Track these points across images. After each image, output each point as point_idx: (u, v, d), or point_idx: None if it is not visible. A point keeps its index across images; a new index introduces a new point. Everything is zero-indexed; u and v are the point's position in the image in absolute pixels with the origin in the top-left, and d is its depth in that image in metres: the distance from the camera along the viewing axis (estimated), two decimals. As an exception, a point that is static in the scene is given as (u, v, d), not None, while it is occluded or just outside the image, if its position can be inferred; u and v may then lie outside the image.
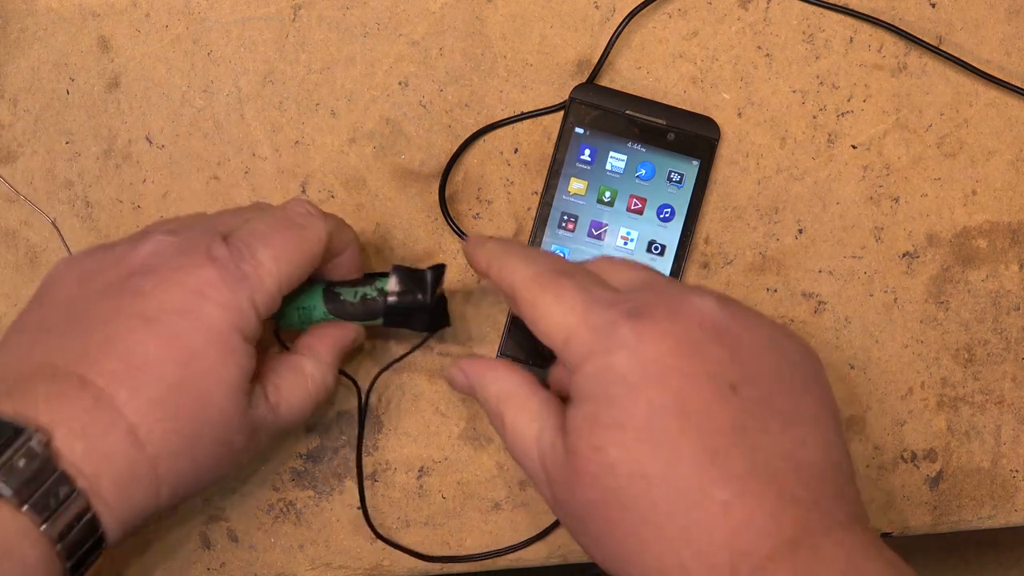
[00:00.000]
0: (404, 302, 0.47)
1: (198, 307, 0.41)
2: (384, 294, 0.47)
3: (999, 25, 0.55)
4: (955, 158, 0.55)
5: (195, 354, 0.40)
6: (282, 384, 0.45)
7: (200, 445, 0.41)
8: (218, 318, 0.41)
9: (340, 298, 0.47)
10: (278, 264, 0.43)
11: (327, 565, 0.53)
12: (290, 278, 0.43)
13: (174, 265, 0.41)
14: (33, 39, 0.54)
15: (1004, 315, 0.55)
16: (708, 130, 0.54)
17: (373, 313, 0.47)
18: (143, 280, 0.41)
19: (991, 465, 0.55)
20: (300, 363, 0.46)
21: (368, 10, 0.54)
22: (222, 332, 0.41)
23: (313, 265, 0.45)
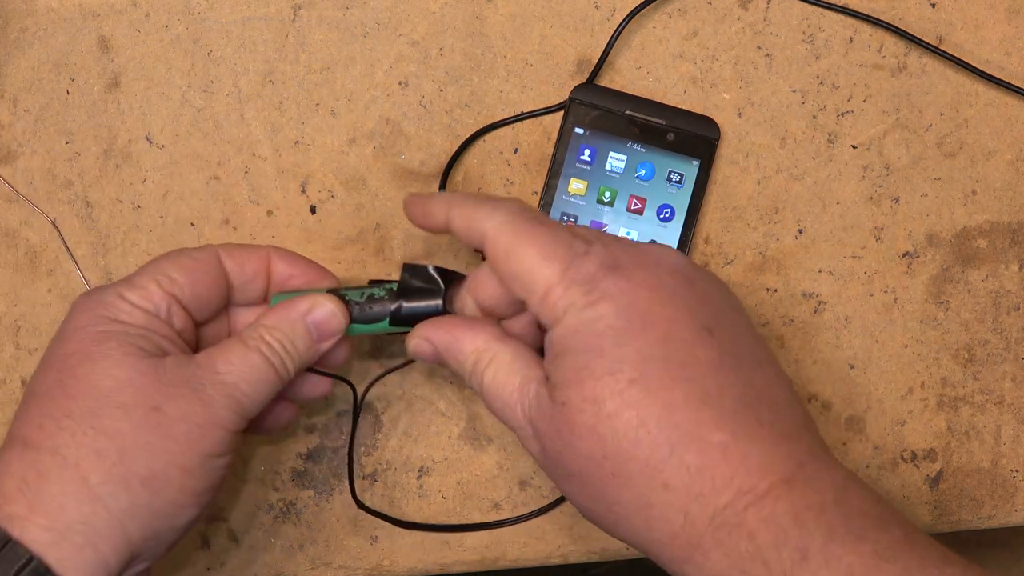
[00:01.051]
0: (413, 306, 0.45)
1: (64, 324, 0.43)
2: (392, 295, 0.45)
3: (999, 25, 0.55)
4: (955, 158, 0.55)
5: (68, 354, 0.41)
6: (217, 351, 0.43)
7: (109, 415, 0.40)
8: (80, 319, 0.42)
9: (345, 299, 0.45)
10: (150, 265, 0.44)
11: (327, 565, 0.53)
12: (166, 274, 0.44)
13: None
14: (33, 39, 0.54)
15: (1004, 315, 0.55)
16: (708, 130, 0.54)
17: (379, 316, 0.45)
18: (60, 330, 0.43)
19: (991, 465, 0.55)
20: (243, 331, 0.44)
21: (368, 10, 0.54)
22: (87, 325, 0.42)
23: (204, 271, 0.44)
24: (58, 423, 0.40)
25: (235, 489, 0.53)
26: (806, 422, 0.40)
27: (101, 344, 0.41)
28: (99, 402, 0.40)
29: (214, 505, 0.53)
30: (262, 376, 0.43)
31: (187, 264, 0.44)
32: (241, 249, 0.46)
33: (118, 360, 0.41)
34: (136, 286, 0.43)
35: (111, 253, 0.54)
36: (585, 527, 0.53)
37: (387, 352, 0.53)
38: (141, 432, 0.40)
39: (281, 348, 0.43)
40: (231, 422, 0.42)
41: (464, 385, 0.54)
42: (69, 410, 0.40)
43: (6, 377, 0.53)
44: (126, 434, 0.40)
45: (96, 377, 0.40)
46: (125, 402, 0.40)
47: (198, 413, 0.41)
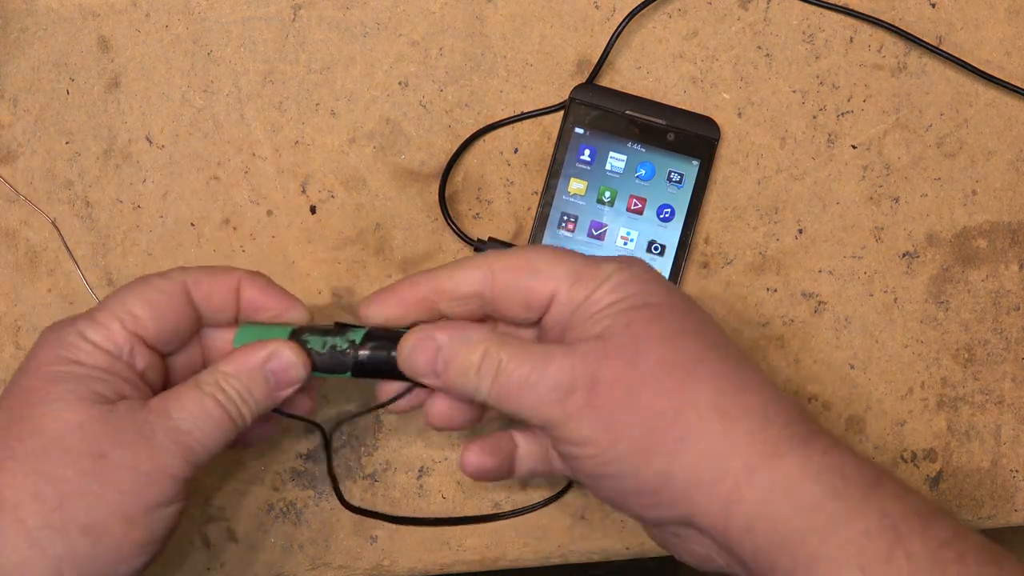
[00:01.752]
0: (377, 358, 0.43)
1: (28, 361, 0.42)
2: (355, 346, 0.43)
3: (999, 25, 0.55)
4: (955, 158, 0.55)
5: (22, 391, 0.41)
6: (172, 395, 0.42)
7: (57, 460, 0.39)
8: (41, 357, 0.41)
9: (306, 346, 0.43)
10: (113, 299, 0.43)
11: (327, 565, 0.53)
12: (129, 311, 0.42)
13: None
14: (33, 39, 0.54)
15: (1004, 315, 0.55)
16: (708, 130, 0.54)
17: (341, 366, 0.43)
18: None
19: (991, 465, 0.55)
20: (196, 376, 0.43)
21: (368, 10, 0.54)
22: (43, 364, 0.41)
23: (169, 304, 0.43)
24: (1, 463, 0.39)
25: (235, 489, 0.53)
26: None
27: (55, 385, 0.40)
28: (45, 445, 0.39)
29: (214, 505, 0.53)
30: (216, 424, 0.42)
31: (152, 298, 0.43)
32: (210, 277, 0.44)
33: (69, 404, 0.40)
34: (99, 324, 0.42)
35: (111, 253, 0.54)
36: (585, 527, 0.53)
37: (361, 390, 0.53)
38: (84, 479, 0.39)
39: (238, 396, 0.42)
40: (180, 470, 0.41)
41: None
42: (14, 451, 0.39)
43: (6, 377, 0.53)
44: (68, 480, 0.39)
45: (45, 420, 0.40)
46: (71, 447, 0.39)
47: (145, 461, 0.40)
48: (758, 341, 0.54)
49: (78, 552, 0.39)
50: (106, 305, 0.43)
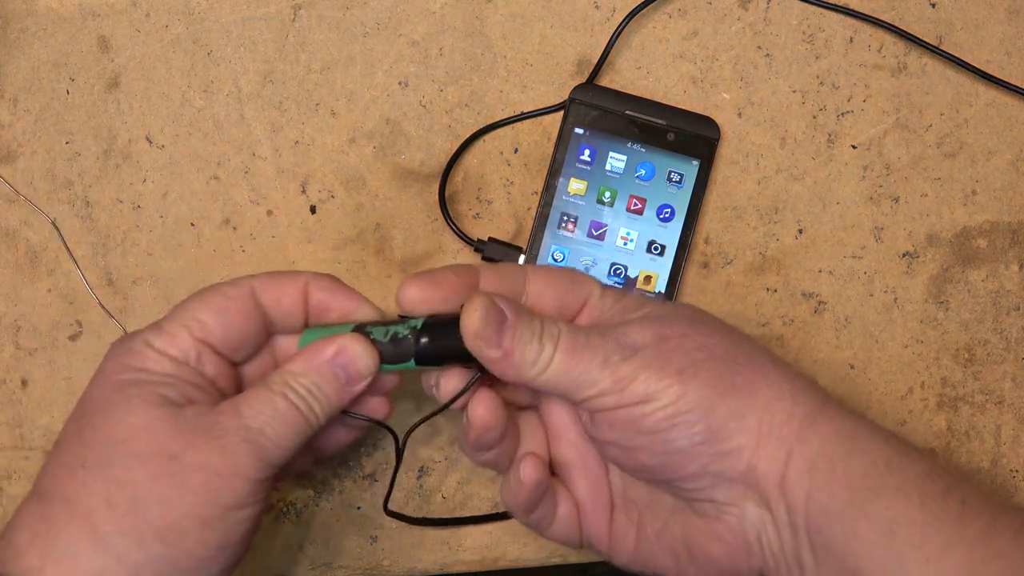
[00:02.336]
0: (438, 341, 0.42)
1: (97, 373, 0.42)
2: (416, 332, 0.42)
3: (999, 25, 0.55)
4: (955, 158, 0.55)
5: (90, 400, 0.41)
6: (242, 398, 0.41)
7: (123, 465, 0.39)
8: (108, 366, 0.41)
9: (370, 337, 0.42)
10: (180, 308, 0.42)
11: (327, 565, 0.53)
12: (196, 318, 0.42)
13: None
14: (33, 39, 0.54)
15: (1004, 315, 0.55)
16: (708, 130, 0.54)
17: (404, 354, 0.42)
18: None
19: (991, 465, 0.55)
20: (265, 379, 0.42)
21: (368, 10, 0.54)
22: (112, 373, 0.41)
23: (237, 311, 0.43)
24: (71, 472, 0.39)
25: (235, 489, 0.53)
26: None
27: (121, 391, 0.40)
28: (114, 450, 0.39)
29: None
30: (288, 421, 0.41)
31: (220, 305, 0.42)
32: (277, 281, 0.44)
33: (135, 408, 0.39)
34: (165, 332, 0.41)
35: (111, 253, 0.54)
36: (585, 527, 0.53)
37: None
38: (156, 482, 0.38)
39: (308, 393, 0.41)
40: (253, 470, 0.39)
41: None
42: (84, 459, 0.39)
43: (6, 377, 0.53)
44: (139, 484, 0.38)
45: (112, 425, 0.39)
46: (140, 451, 0.39)
47: (217, 461, 0.39)
48: (758, 341, 0.54)
49: (153, 557, 0.38)
50: (173, 314, 0.42)
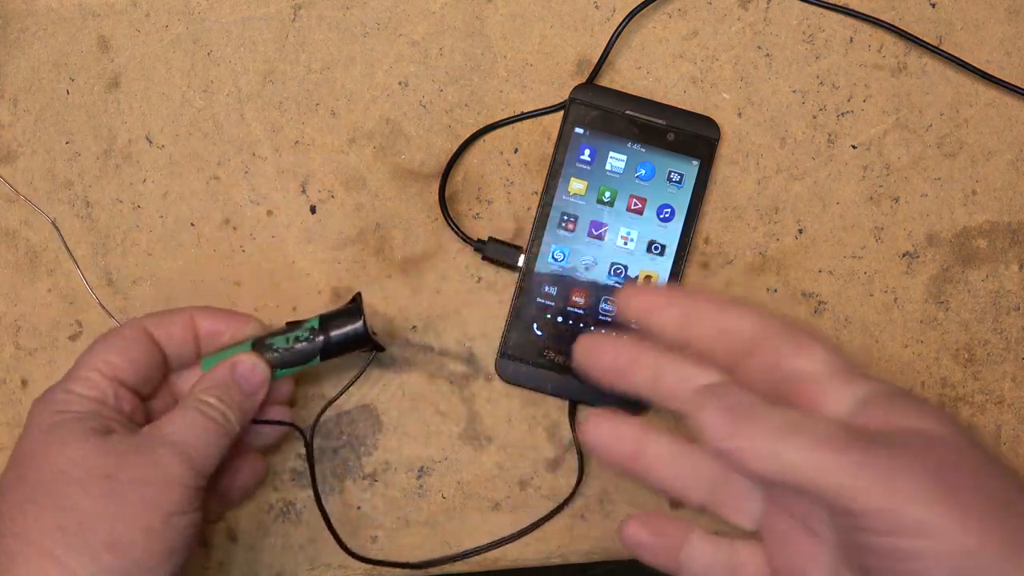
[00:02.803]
0: (339, 334, 0.48)
1: (24, 429, 0.45)
2: (315, 332, 0.48)
3: (999, 25, 0.55)
4: (955, 158, 0.55)
5: (24, 449, 0.44)
6: (164, 418, 0.45)
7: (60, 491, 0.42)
8: (37, 417, 0.44)
9: (273, 348, 0.48)
10: (87, 355, 0.46)
11: (327, 565, 0.53)
12: (105, 360, 0.46)
13: None
14: (33, 39, 0.54)
15: (1004, 315, 0.55)
16: (708, 130, 0.53)
17: (308, 354, 0.48)
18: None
19: (991, 465, 0.55)
20: (181, 401, 0.47)
21: (368, 10, 0.54)
22: (42, 419, 0.44)
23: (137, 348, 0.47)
24: (22, 510, 0.42)
25: (235, 489, 0.53)
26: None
27: (52, 433, 0.43)
28: (55, 481, 0.42)
29: (214, 505, 0.53)
30: (207, 429, 0.45)
31: (122, 346, 0.46)
32: (165, 318, 0.48)
33: (68, 442, 0.43)
34: (79, 378, 0.45)
35: (111, 253, 0.54)
36: (585, 527, 0.53)
37: (328, 381, 0.54)
38: (98, 502, 0.42)
39: (218, 402, 0.46)
40: (186, 477, 0.43)
41: (464, 386, 0.54)
42: (30, 496, 0.42)
43: (6, 377, 0.53)
44: (83, 506, 0.42)
45: (50, 461, 0.43)
46: (80, 478, 0.42)
47: (150, 474, 0.43)
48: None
49: (106, 568, 0.41)
50: (81, 362, 0.46)
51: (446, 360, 0.54)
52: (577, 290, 0.53)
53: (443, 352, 0.54)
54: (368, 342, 0.48)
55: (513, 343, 0.53)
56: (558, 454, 0.54)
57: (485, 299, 0.54)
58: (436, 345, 0.54)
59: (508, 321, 0.53)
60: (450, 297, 0.54)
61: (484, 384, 0.54)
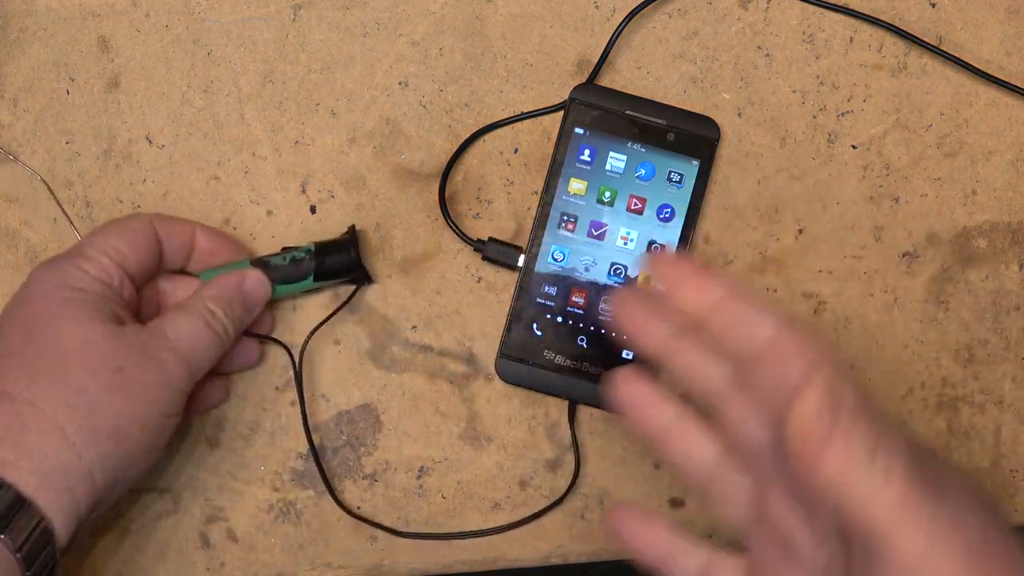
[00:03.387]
0: (332, 260, 0.51)
1: (27, 290, 0.46)
2: (310, 254, 0.51)
3: (999, 25, 0.55)
4: (955, 158, 0.55)
5: (32, 316, 0.45)
6: (166, 318, 0.47)
7: (75, 376, 0.43)
8: (44, 287, 0.45)
9: (270, 264, 0.50)
10: (97, 237, 0.47)
11: (327, 565, 0.53)
12: (114, 247, 0.47)
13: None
14: (33, 39, 0.54)
15: (1004, 315, 0.55)
16: (708, 130, 0.53)
17: (305, 272, 0.51)
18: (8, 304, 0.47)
19: (991, 465, 0.55)
20: (184, 302, 0.49)
21: (368, 10, 0.54)
22: (50, 291, 0.45)
23: (143, 241, 0.48)
24: (32, 378, 0.43)
25: (235, 489, 0.53)
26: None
27: (65, 307, 0.45)
28: (66, 361, 0.44)
29: (214, 505, 0.53)
30: (209, 342, 0.47)
31: (129, 237, 0.48)
32: (170, 221, 0.50)
33: (82, 323, 0.44)
34: (91, 259, 0.46)
35: (111, 253, 0.54)
36: (585, 527, 0.53)
37: (317, 317, 0.53)
38: (107, 391, 0.44)
39: (223, 315, 0.48)
40: (184, 383, 0.46)
41: (464, 386, 0.54)
42: (40, 367, 0.43)
43: (6, 377, 0.53)
44: (92, 391, 0.43)
45: (62, 338, 0.44)
46: (90, 363, 0.44)
47: (155, 376, 0.45)
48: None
49: (106, 455, 0.43)
50: (92, 243, 0.47)
51: (446, 360, 0.54)
52: (577, 290, 0.53)
53: (443, 352, 0.54)
54: (359, 268, 0.52)
55: (513, 343, 0.53)
56: (558, 454, 0.54)
57: (485, 299, 0.54)
58: (436, 345, 0.54)
59: (508, 321, 0.53)
60: (450, 297, 0.54)
61: (484, 384, 0.54)
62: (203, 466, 0.53)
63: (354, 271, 0.52)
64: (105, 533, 0.53)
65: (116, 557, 0.53)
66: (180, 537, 0.53)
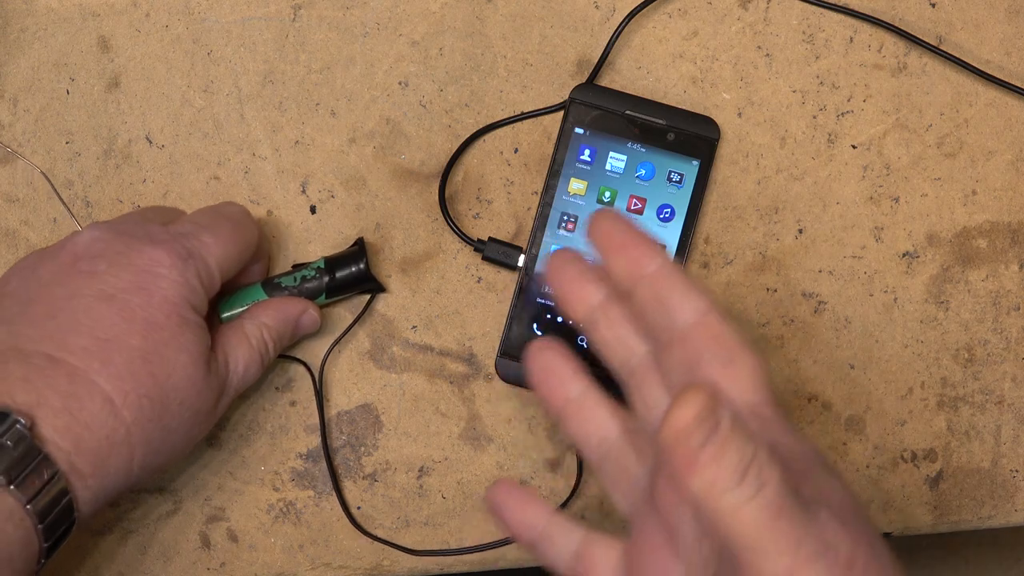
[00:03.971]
0: (343, 275, 0.51)
1: (151, 284, 0.44)
2: (320, 271, 0.51)
3: (999, 25, 0.55)
4: (955, 158, 0.55)
5: (156, 326, 0.43)
6: (229, 348, 0.48)
7: (169, 411, 0.44)
8: (172, 293, 0.44)
9: (281, 286, 0.51)
10: (220, 246, 0.47)
11: (327, 565, 0.53)
12: (229, 261, 0.47)
13: (118, 248, 0.44)
14: (33, 39, 0.54)
15: (1004, 315, 0.55)
16: (708, 130, 0.53)
17: (315, 292, 0.51)
18: (93, 263, 0.44)
19: (991, 465, 0.55)
20: (241, 326, 0.49)
21: (368, 10, 0.54)
22: (177, 305, 0.44)
23: (245, 258, 0.49)
24: (139, 398, 0.43)
25: (235, 489, 0.53)
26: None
27: (183, 334, 0.44)
28: (167, 392, 0.44)
29: (214, 505, 0.53)
30: (256, 373, 0.49)
31: (242, 249, 0.48)
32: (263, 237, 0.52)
33: (194, 360, 0.45)
34: (212, 272, 0.46)
35: (111, 253, 0.54)
36: (585, 527, 0.53)
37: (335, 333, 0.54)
38: (184, 428, 0.45)
39: (275, 347, 0.50)
40: (226, 405, 0.48)
41: (464, 386, 0.54)
42: (145, 381, 0.43)
43: (6, 377, 0.53)
44: (175, 430, 0.45)
45: (175, 368, 0.44)
46: (184, 400, 0.44)
47: (219, 407, 0.47)
48: (758, 341, 0.54)
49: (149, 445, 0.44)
50: (215, 250, 0.46)
51: (446, 360, 0.54)
52: (577, 290, 0.53)
53: (443, 352, 0.54)
54: (370, 280, 0.52)
55: (513, 343, 0.53)
56: (558, 454, 0.54)
57: (485, 299, 0.54)
58: (436, 345, 0.54)
59: (508, 321, 0.53)
60: (450, 297, 0.54)
61: (484, 384, 0.54)
62: (203, 466, 0.53)
63: (366, 283, 0.52)
64: (105, 533, 0.53)
65: (117, 557, 0.53)
66: (180, 537, 0.53)
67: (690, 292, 0.35)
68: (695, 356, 0.35)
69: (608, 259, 0.37)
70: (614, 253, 0.37)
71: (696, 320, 0.35)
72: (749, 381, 0.35)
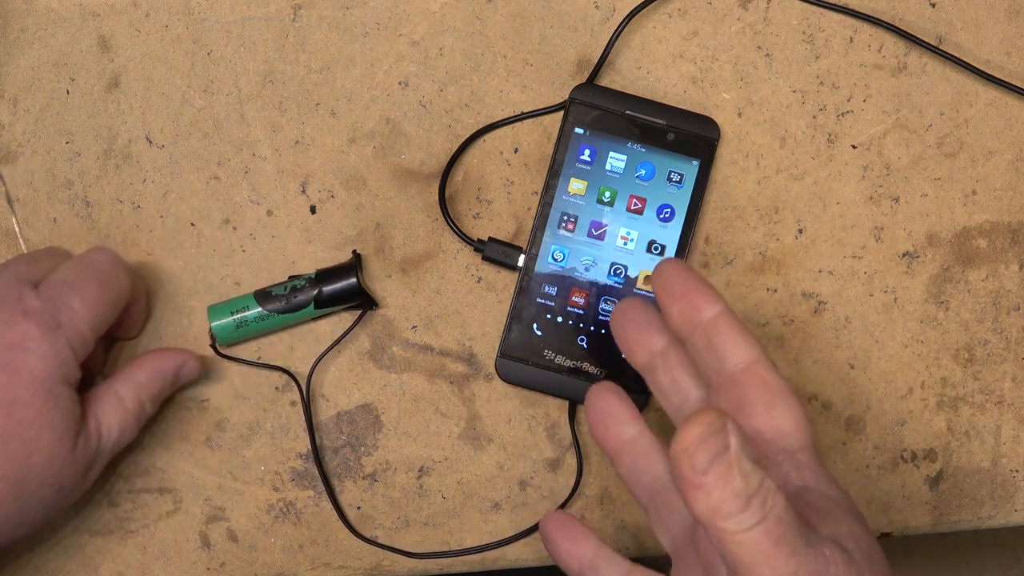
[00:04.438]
0: (332, 288, 0.51)
1: (19, 360, 0.43)
2: (311, 282, 0.51)
3: (999, 25, 0.55)
4: (955, 158, 0.55)
5: (20, 404, 0.43)
6: (102, 414, 0.47)
7: (27, 490, 0.44)
8: (40, 369, 0.43)
9: (272, 294, 0.51)
10: (90, 310, 0.45)
11: (327, 565, 0.53)
12: (101, 319, 0.46)
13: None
14: (33, 39, 0.54)
15: (1004, 315, 0.55)
16: (708, 130, 0.53)
17: (305, 301, 0.51)
18: None
19: (991, 465, 0.55)
20: (115, 388, 0.48)
21: (368, 10, 0.54)
22: (44, 381, 0.43)
23: (120, 308, 0.48)
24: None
25: (235, 489, 0.53)
26: None
27: (48, 412, 0.44)
28: (27, 473, 0.43)
29: (214, 505, 0.53)
30: (132, 434, 0.49)
31: (112, 300, 0.47)
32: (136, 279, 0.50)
33: (59, 438, 0.44)
34: (85, 339, 0.45)
35: (111, 253, 0.54)
36: (585, 527, 0.53)
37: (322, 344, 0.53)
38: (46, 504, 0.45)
39: (152, 404, 0.49)
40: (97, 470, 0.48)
41: (464, 386, 0.54)
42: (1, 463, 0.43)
43: (6, 377, 0.53)
44: (34, 505, 0.44)
45: (36, 447, 0.43)
46: (45, 478, 0.44)
47: (89, 474, 0.47)
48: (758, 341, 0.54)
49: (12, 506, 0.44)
50: (82, 316, 0.45)
51: (446, 360, 0.54)
52: (577, 290, 0.53)
53: (443, 352, 0.54)
54: (361, 295, 0.52)
55: (513, 343, 0.53)
56: (558, 454, 0.54)
57: (485, 299, 0.54)
58: (436, 345, 0.54)
59: (508, 321, 0.53)
60: (450, 297, 0.54)
61: (484, 384, 0.54)
62: (203, 466, 0.53)
63: (357, 297, 0.52)
64: (105, 533, 0.53)
65: (116, 557, 0.53)
66: (180, 537, 0.53)
67: (741, 339, 0.38)
68: (742, 400, 0.37)
69: (668, 306, 0.39)
70: (674, 301, 0.38)
71: (745, 367, 0.37)
72: (791, 426, 0.37)
